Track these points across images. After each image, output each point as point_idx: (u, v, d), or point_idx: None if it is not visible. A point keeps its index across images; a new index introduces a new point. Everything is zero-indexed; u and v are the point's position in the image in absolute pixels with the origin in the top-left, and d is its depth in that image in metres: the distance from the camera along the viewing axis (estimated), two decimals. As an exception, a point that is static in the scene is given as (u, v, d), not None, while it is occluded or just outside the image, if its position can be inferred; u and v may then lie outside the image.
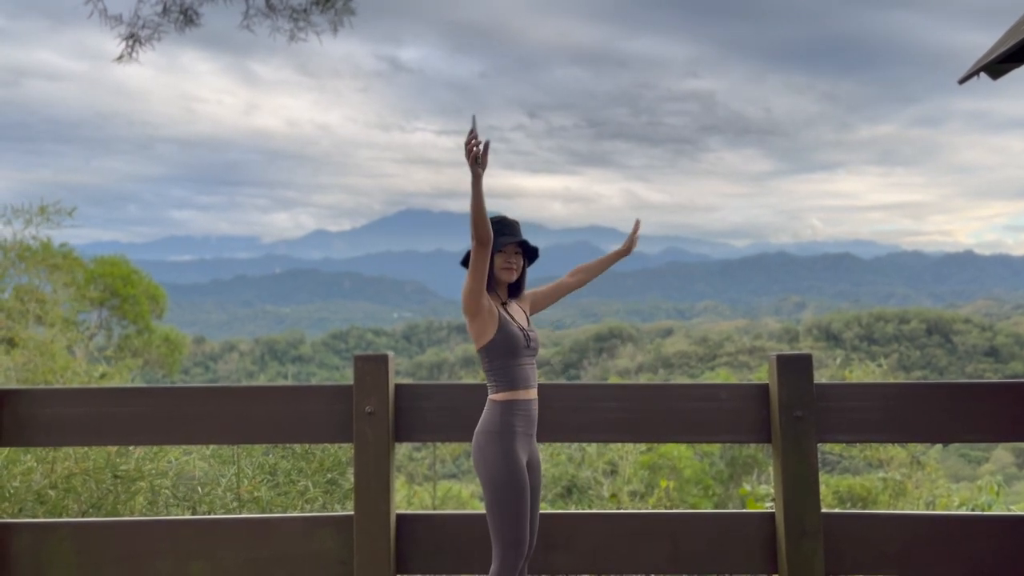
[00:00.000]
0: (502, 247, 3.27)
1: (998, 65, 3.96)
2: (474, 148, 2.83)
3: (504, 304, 3.33)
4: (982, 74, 4.04)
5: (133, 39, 5.67)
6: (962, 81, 4.17)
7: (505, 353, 3.21)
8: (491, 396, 3.24)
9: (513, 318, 3.28)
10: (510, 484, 3.11)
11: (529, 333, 3.28)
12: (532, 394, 3.26)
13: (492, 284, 3.30)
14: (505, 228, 3.29)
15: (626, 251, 3.71)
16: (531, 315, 3.47)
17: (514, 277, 3.33)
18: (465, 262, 3.22)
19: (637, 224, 3.72)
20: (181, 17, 5.78)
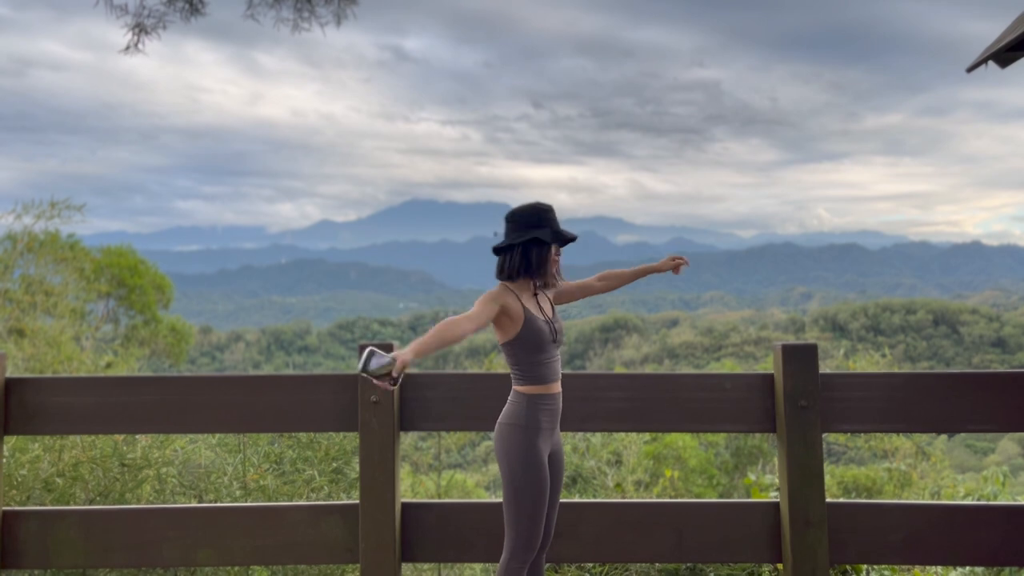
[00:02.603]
0: (562, 243, 3.21)
1: (1007, 53, 3.93)
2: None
3: (535, 294, 3.25)
4: (990, 62, 4.02)
5: (139, 29, 5.66)
6: (970, 69, 4.15)
7: (531, 349, 3.13)
8: (517, 387, 3.16)
9: (541, 309, 3.20)
10: (532, 483, 3.07)
11: (555, 325, 3.21)
12: (558, 387, 3.20)
13: (539, 272, 3.18)
14: (553, 219, 3.21)
15: (659, 269, 3.52)
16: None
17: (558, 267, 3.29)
18: (497, 251, 3.21)
19: (684, 261, 3.57)
20: (187, 6, 5.77)
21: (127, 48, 5.58)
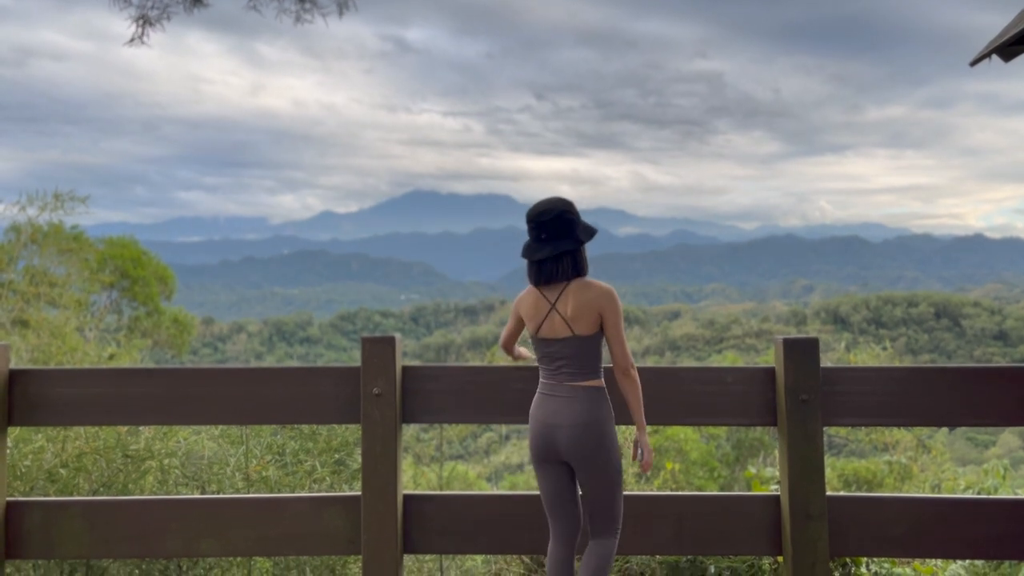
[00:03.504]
0: None
1: (1009, 47, 3.92)
2: None
3: None
4: (993, 56, 4.01)
5: (143, 20, 5.65)
6: (974, 63, 4.14)
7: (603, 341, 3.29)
8: (595, 383, 3.23)
9: None
10: (622, 467, 3.25)
11: None
12: None
13: None
14: None
15: None
16: None
17: None
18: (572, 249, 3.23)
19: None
20: (189, -3, 5.75)
21: (132, 40, 5.57)
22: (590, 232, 3.24)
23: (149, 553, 3.79)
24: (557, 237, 3.18)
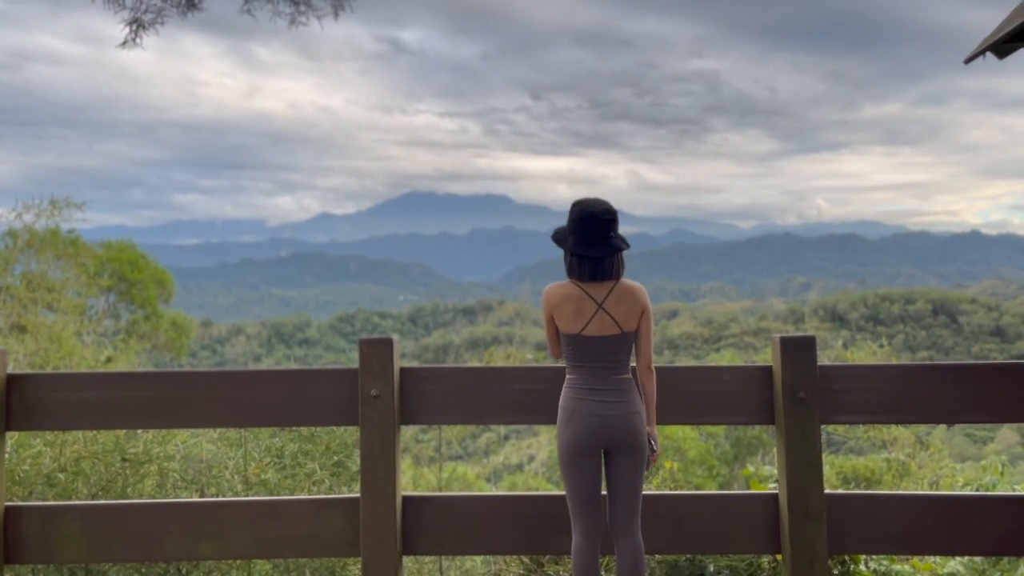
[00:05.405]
0: None
1: (1004, 44, 3.93)
2: None
3: None
4: (988, 53, 4.02)
5: (136, 24, 5.64)
6: (968, 61, 4.14)
7: None
8: (630, 376, 3.38)
9: None
10: None
11: None
12: None
13: None
14: None
15: None
16: None
17: None
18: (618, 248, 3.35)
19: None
20: (184, 0, 5.74)
21: (124, 43, 5.56)
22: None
23: (148, 557, 3.79)
24: (616, 237, 3.32)
